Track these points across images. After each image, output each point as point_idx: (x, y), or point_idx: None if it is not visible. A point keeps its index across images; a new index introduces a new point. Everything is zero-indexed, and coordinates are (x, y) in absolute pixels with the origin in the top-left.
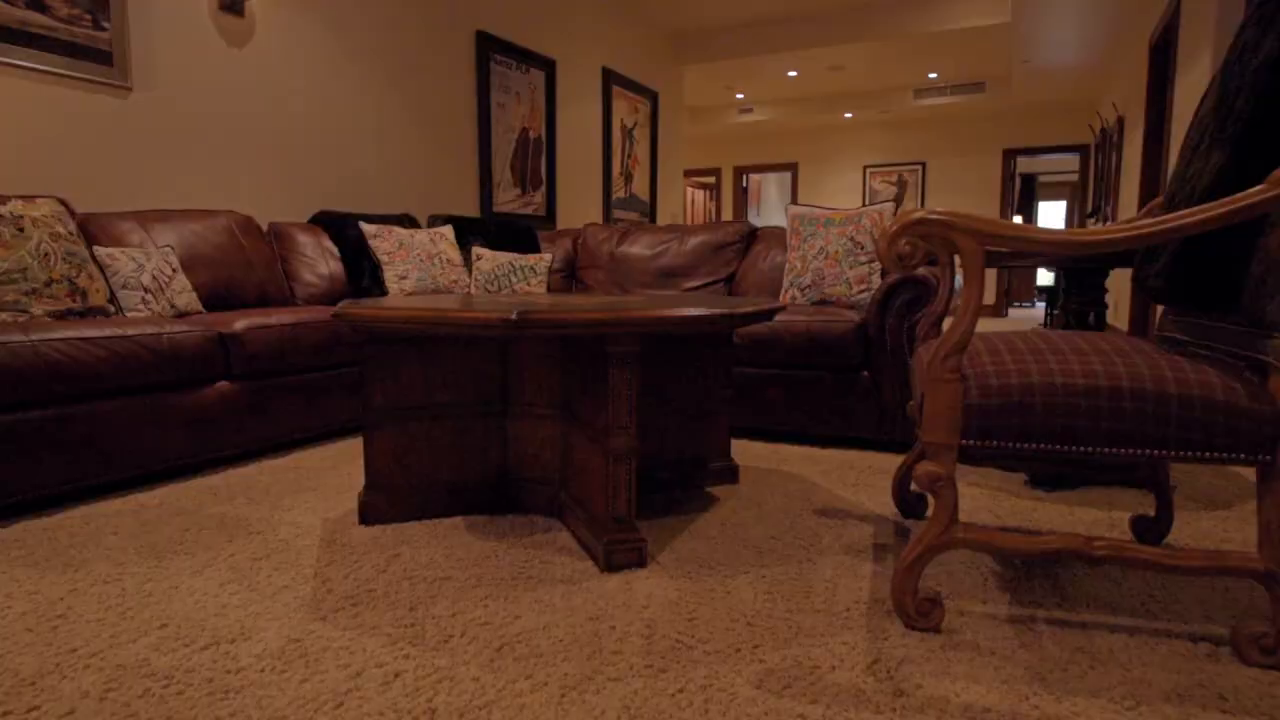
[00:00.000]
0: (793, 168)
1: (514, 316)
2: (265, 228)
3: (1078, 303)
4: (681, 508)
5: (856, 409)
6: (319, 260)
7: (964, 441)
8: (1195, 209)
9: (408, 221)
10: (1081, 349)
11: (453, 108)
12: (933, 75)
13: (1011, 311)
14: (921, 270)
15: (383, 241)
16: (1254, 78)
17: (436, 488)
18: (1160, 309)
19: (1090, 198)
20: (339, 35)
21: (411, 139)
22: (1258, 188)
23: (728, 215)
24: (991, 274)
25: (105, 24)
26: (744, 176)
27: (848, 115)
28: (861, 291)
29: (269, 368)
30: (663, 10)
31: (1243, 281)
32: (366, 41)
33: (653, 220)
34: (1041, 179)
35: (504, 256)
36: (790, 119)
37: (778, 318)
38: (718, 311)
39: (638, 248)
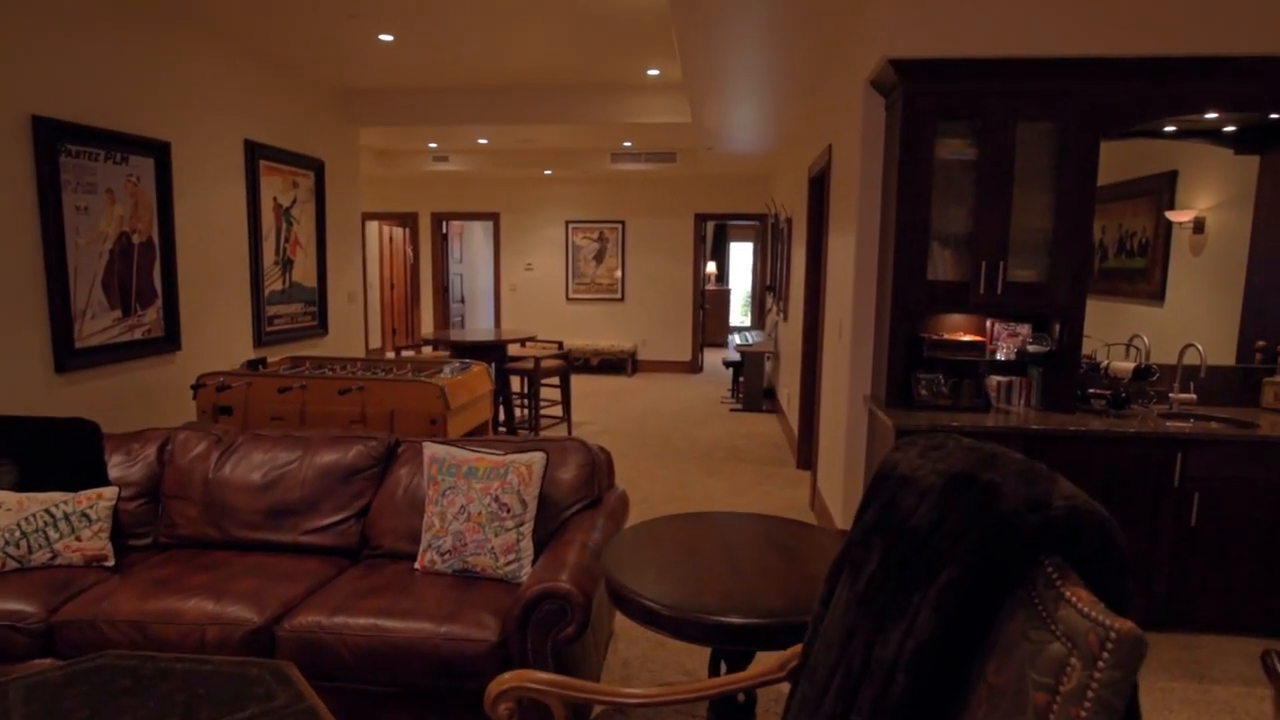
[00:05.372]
0: (495, 218)
1: None
2: None
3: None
4: None
5: None
6: None
7: None
8: None
9: None
10: None
11: None
12: (627, 144)
13: (706, 356)
14: (564, 583)
15: None
16: (912, 662)
17: None
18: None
19: (768, 268)
20: None
21: None
22: None
23: (427, 259)
24: (685, 327)
25: None
26: (443, 223)
27: (548, 172)
28: (510, 563)
29: None
30: (325, 71)
31: None
32: None
33: (323, 309)
34: (733, 222)
35: (38, 501)
36: (488, 170)
37: (400, 628)
38: None
39: (244, 471)
